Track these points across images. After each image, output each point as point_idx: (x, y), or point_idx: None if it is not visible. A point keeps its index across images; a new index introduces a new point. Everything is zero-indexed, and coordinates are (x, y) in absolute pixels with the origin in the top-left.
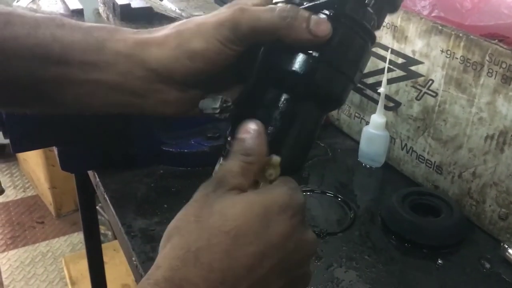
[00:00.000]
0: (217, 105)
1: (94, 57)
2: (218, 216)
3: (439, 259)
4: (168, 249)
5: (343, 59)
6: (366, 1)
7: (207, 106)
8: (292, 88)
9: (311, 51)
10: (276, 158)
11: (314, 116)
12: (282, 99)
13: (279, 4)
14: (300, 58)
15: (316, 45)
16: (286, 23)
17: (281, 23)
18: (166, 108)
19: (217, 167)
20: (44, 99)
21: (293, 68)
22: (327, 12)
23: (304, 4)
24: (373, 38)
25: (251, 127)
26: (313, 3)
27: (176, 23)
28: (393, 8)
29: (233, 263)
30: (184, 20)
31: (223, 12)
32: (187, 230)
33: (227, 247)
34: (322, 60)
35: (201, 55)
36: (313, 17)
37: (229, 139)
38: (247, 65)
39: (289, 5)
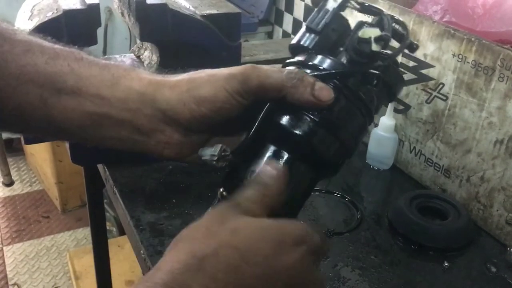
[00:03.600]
0: (216, 153)
1: (107, 92)
2: (230, 231)
3: (445, 262)
4: (172, 253)
5: (341, 128)
6: (369, 81)
7: (206, 153)
8: (290, 147)
9: (312, 115)
10: None
11: (307, 177)
12: (279, 157)
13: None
14: (300, 120)
15: (317, 109)
16: (292, 84)
17: (288, 82)
18: (166, 150)
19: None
20: (51, 125)
21: (293, 129)
22: (332, 82)
23: (313, 72)
24: (371, 118)
25: (277, 166)
26: (320, 72)
27: (192, 72)
28: (392, 98)
29: (237, 279)
30: (198, 70)
31: (236, 67)
32: (196, 238)
33: (234, 261)
34: (321, 125)
35: (208, 101)
36: (318, 82)
37: (221, 190)
38: (250, 119)
39: (297, 69)
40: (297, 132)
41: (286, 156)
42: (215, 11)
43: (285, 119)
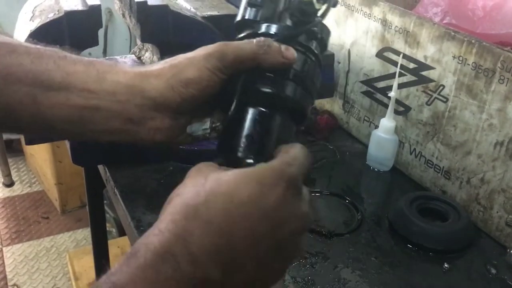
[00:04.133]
0: (207, 126)
1: (94, 86)
2: (213, 181)
3: (445, 263)
4: (169, 208)
5: (306, 79)
6: (314, 37)
7: (197, 129)
8: (271, 104)
9: (282, 74)
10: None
11: (288, 127)
12: (263, 115)
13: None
14: (274, 80)
15: (285, 68)
16: (264, 50)
17: (259, 50)
18: (158, 135)
19: None
20: (41, 123)
21: (270, 88)
22: (288, 43)
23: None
24: (321, 63)
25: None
26: (277, 37)
27: (168, 59)
28: (325, 48)
29: (229, 220)
30: (175, 56)
31: (209, 47)
32: (186, 192)
33: (224, 205)
34: (293, 80)
35: (195, 82)
36: (282, 45)
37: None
38: (226, 93)
39: (263, 38)
40: (273, 90)
41: (267, 112)
42: (216, 13)
43: (261, 83)
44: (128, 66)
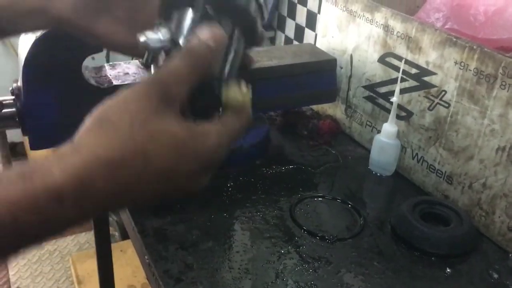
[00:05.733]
0: (167, 36)
1: None
2: (148, 137)
3: (447, 268)
4: (93, 138)
5: None
6: None
7: (152, 40)
8: (213, 4)
9: None
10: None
11: (229, 27)
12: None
13: None
14: None
15: None
16: None
17: None
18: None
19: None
20: None
21: None
22: None
23: None
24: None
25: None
26: None
27: None
28: None
29: (134, 183)
30: None
31: None
32: (119, 130)
33: (138, 170)
34: None
35: None
36: None
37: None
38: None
39: None
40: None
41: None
42: None
43: None
44: None
